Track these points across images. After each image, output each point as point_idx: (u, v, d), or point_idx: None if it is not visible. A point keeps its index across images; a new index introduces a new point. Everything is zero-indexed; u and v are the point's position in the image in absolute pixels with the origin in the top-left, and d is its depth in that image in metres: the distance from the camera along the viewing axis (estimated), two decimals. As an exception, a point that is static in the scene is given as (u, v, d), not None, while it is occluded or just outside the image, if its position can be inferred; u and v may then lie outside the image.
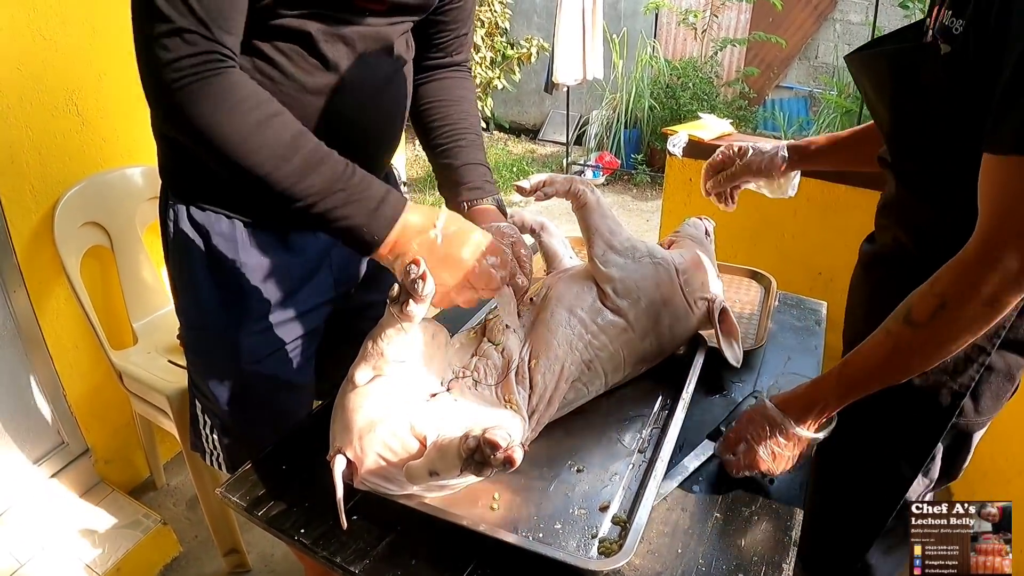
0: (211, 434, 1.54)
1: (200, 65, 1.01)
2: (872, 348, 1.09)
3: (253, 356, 1.41)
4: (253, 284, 1.39)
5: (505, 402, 1.19)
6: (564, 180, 1.36)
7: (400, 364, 1.11)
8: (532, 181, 1.34)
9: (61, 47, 2.20)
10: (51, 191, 2.26)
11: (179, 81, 1.00)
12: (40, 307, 2.31)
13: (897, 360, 1.06)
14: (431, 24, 1.46)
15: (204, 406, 1.51)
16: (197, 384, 1.49)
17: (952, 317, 0.98)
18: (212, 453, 1.56)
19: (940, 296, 0.98)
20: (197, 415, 1.55)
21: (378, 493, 1.07)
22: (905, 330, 1.03)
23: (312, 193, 1.05)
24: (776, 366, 1.57)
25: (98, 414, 2.57)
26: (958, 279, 0.97)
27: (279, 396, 1.49)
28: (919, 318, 1.01)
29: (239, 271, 1.37)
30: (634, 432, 1.31)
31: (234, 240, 1.36)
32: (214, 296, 1.39)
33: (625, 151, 7.68)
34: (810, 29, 8.56)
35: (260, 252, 1.39)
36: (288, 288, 1.44)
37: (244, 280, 1.38)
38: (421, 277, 1.03)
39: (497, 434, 0.89)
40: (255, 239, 1.38)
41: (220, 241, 1.36)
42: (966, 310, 0.96)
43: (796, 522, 1.13)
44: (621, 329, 1.32)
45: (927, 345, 1.02)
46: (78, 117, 2.31)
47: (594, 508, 1.13)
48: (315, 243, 1.45)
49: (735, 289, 1.89)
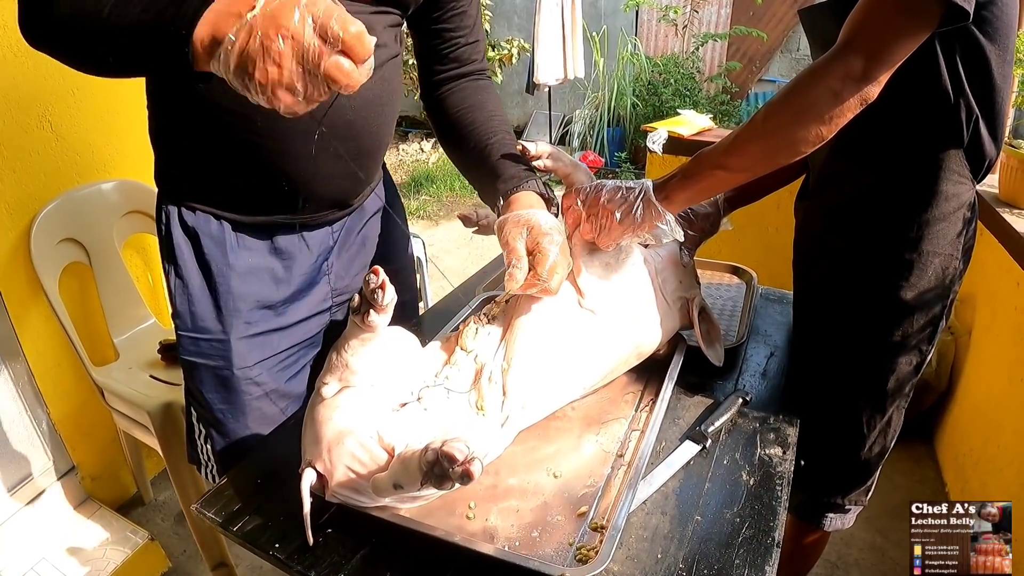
0: (205, 444, 1.52)
1: None
2: (734, 131, 1.25)
3: (245, 361, 1.42)
4: (243, 288, 1.40)
5: (478, 409, 1.18)
6: (568, 164, 1.39)
7: (366, 375, 1.10)
8: (539, 148, 1.38)
9: (33, 63, 2.19)
10: (27, 208, 2.25)
11: None
12: (20, 326, 2.29)
13: (751, 133, 1.21)
14: (439, 34, 1.47)
15: (199, 415, 1.50)
16: (192, 391, 1.48)
17: (800, 97, 1.14)
18: (207, 465, 1.55)
19: (795, 83, 1.15)
20: (193, 424, 1.53)
21: (350, 506, 1.05)
22: (763, 110, 1.19)
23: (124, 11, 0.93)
24: (759, 363, 1.56)
25: (84, 431, 2.56)
26: (811, 72, 1.13)
27: (272, 404, 1.48)
28: (774, 99, 1.18)
29: (228, 273, 1.38)
30: (612, 435, 1.30)
31: (223, 242, 1.37)
32: (205, 298, 1.39)
33: (609, 149, 7.70)
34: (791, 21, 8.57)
35: (248, 254, 1.40)
36: (282, 295, 1.44)
37: (234, 283, 1.39)
38: (380, 287, 1.02)
39: (455, 447, 0.87)
40: (242, 241, 1.39)
41: (209, 243, 1.37)
42: (812, 95, 1.12)
43: (779, 523, 1.12)
44: (598, 332, 1.31)
45: (774, 116, 1.17)
46: (52, 133, 2.30)
47: (572, 514, 1.11)
48: (308, 250, 1.46)
49: (716, 285, 1.88)
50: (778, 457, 1.26)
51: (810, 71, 1.13)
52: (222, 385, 1.43)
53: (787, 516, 1.47)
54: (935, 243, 1.31)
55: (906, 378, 1.42)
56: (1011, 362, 2.34)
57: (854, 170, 1.36)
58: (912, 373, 1.42)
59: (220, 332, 1.40)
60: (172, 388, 2.28)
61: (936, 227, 1.30)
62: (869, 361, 1.43)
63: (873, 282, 1.37)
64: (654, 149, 3.03)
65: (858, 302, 1.40)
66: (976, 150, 1.27)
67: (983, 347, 2.70)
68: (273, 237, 1.42)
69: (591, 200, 1.33)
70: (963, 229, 1.33)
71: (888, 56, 1.08)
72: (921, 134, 1.27)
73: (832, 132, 1.13)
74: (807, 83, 1.13)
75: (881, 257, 1.35)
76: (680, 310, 1.44)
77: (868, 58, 1.08)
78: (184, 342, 1.43)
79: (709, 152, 1.26)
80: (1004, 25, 1.18)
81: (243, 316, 1.41)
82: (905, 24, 1.07)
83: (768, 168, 1.24)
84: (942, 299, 1.36)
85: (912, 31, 1.08)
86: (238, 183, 1.33)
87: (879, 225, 1.34)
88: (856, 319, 1.42)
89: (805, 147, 1.17)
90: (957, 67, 1.20)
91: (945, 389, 2.92)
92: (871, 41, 1.08)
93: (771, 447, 1.29)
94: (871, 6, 1.10)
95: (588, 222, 1.33)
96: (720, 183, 1.28)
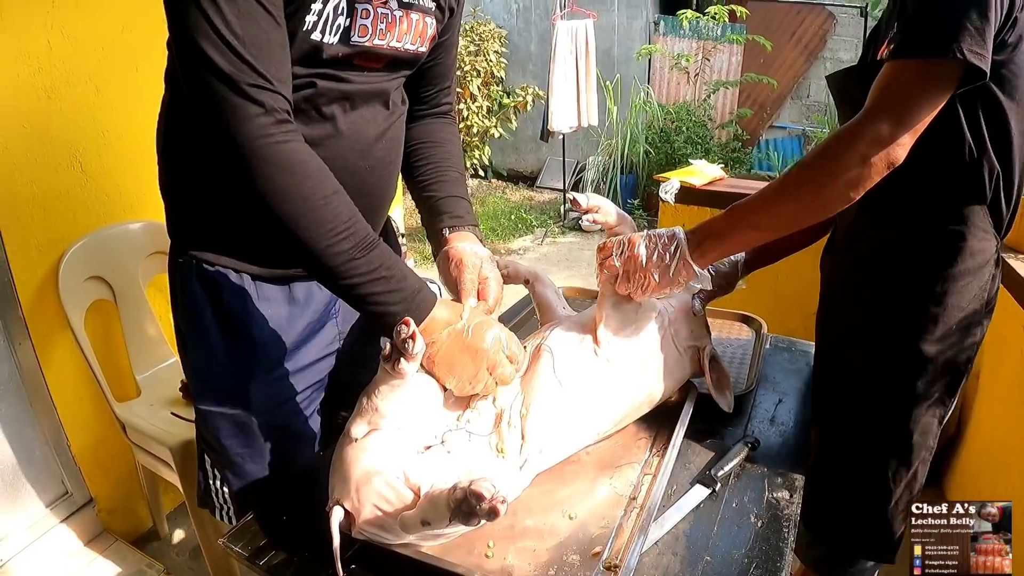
0: (221, 487, 1.54)
1: (272, 126, 1.09)
2: (765, 190, 1.30)
3: (264, 406, 1.44)
4: (263, 335, 1.42)
5: (498, 452, 1.23)
6: (615, 217, 1.45)
7: (394, 418, 1.15)
8: (590, 200, 1.45)
9: (65, 105, 2.26)
10: (55, 246, 2.31)
11: (256, 141, 1.08)
12: (45, 359, 2.34)
13: (783, 194, 1.28)
14: (415, 78, 1.51)
15: (213, 460, 1.52)
16: (207, 439, 1.50)
17: (829, 161, 1.21)
18: (222, 508, 1.56)
19: (825, 146, 1.22)
20: (207, 470, 1.55)
21: (375, 542, 1.10)
22: (795, 170, 1.26)
23: (357, 275, 1.16)
24: (767, 410, 1.60)
25: (102, 464, 2.59)
26: (840, 136, 1.19)
27: (288, 447, 1.51)
28: (805, 160, 1.25)
29: (249, 323, 1.41)
30: (625, 479, 1.34)
31: (243, 294, 1.40)
32: (224, 347, 1.41)
33: (622, 196, 7.69)
34: (801, 68, 8.65)
35: (268, 304, 1.43)
36: (297, 339, 1.47)
37: (254, 331, 1.41)
38: (411, 337, 1.10)
39: (483, 486, 0.94)
40: (261, 292, 1.42)
41: (229, 295, 1.39)
42: (842, 159, 1.18)
43: (785, 563, 1.16)
44: (613, 379, 1.36)
45: (806, 179, 1.24)
46: (82, 173, 2.36)
47: (586, 554, 1.15)
48: (320, 294, 1.49)
49: (726, 334, 1.92)
50: (785, 500, 1.30)
51: (838, 136, 1.19)
52: (240, 431, 1.45)
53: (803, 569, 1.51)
54: (960, 297, 1.33)
55: (930, 429, 1.42)
56: (1016, 404, 2.36)
57: (881, 226, 1.39)
58: (936, 425, 1.42)
59: (239, 380, 1.42)
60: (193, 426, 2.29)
61: (961, 282, 1.32)
62: (894, 413, 1.42)
63: (898, 335, 1.38)
64: (666, 199, 3.07)
65: (883, 355, 1.41)
66: (999, 205, 1.31)
67: (990, 390, 2.71)
68: (290, 285, 1.45)
69: (626, 257, 1.37)
70: (988, 283, 1.35)
71: (913, 119, 1.14)
72: (946, 192, 1.30)
73: (860, 194, 1.19)
74: (836, 147, 1.19)
75: (907, 311, 1.37)
76: (691, 358, 1.49)
77: (894, 123, 1.14)
78: (200, 391, 1.46)
79: (742, 209, 1.31)
80: (1022, 83, 1.24)
81: (261, 363, 1.43)
82: (927, 86, 1.14)
83: (798, 227, 1.31)
84: (966, 352, 1.38)
85: (934, 93, 1.14)
86: (262, 241, 1.35)
87: (905, 279, 1.36)
88: (881, 371, 1.42)
89: (833, 208, 1.23)
90: (980, 127, 1.24)
91: (954, 432, 2.94)
92: (896, 105, 1.15)
93: (779, 491, 1.33)
94: (894, 71, 1.17)
95: (624, 280, 1.38)
96: (752, 240, 1.36)
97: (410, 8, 1.31)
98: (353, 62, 1.27)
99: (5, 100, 2.11)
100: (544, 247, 6.97)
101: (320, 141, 1.28)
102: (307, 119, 1.27)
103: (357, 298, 1.18)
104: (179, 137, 1.34)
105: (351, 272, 1.15)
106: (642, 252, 1.35)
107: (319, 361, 1.53)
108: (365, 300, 1.18)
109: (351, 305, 1.22)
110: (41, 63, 2.17)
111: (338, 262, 1.14)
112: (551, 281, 1.62)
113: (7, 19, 2.06)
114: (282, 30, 1.12)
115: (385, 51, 1.30)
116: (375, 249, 1.18)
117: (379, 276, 1.17)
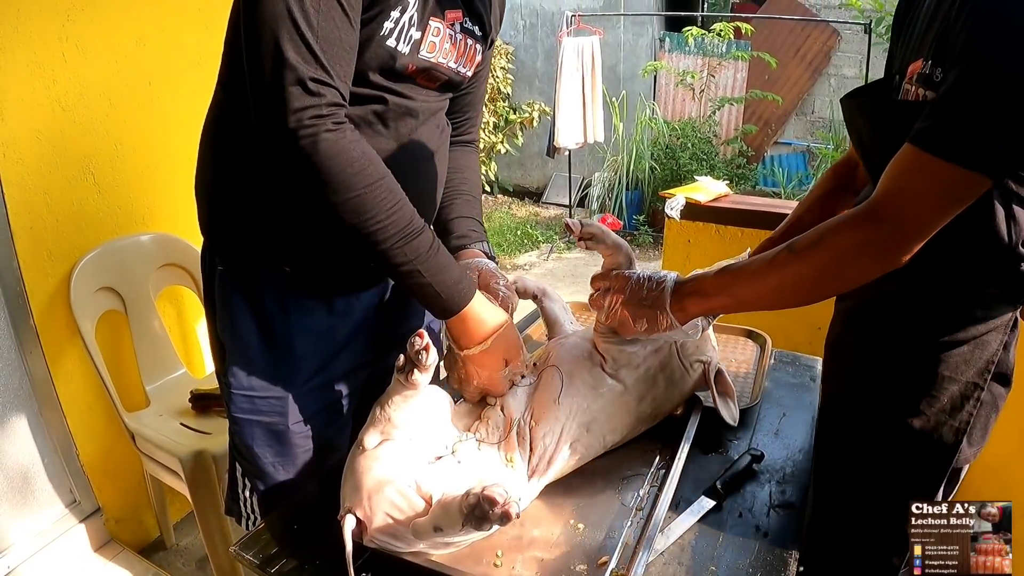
0: (250, 497, 1.55)
1: (325, 117, 1.12)
2: (755, 262, 1.21)
3: (299, 415, 1.46)
4: (304, 346, 1.45)
5: (507, 462, 1.25)
6: (610, 245, 1.40)
7: (406, 429, 1.17)
8: (585, 227, 1.40)
9: (79, 118, 2.29)
10: (67, 256, 2.33)
11: (306, 128, 1.11)
12: (55, 368, 2.36)
13: (768, 275, 1.18)
14: (449, 105, 1.54)
15: (245, 469, 1.52)
16: (239, 448, 1.50)
17: (823, 252, 1.10)
18: (249, 518, 1.57)
19: (820, 234, 1.11)
20: (237, 478, 1.56)
21: (386, 551, 1.12)
22: (784, 254, 1.15)
23: (404, 260, 1.22)
24: (772, 423, 1.62)
25: (110, 474, 2.60)
26: (839, 226, 1.10)
27: (320, 456, 1.52)
28: (799, 247, 1.13)
29: (290, 333, 1.43)
30: (632, 490, 1.35)
31: (284, 305, 1.42)
32: (265, 357, 1.43)
33: (627, 212, 7.75)
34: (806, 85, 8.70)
35: (309, 315, 1.45)
36: (334, 349, 1.50)
37: (295, 342, 1.44)
38: (425, 348, 1.12)
39: (495, 491, 0.96)
40: (303, 303, 1.44)
41: (271, 305, 1.41)
42: (835, 250, 1.09)
43: (791, 573, 1.17)
44: (619, 393, 1.38)
45: (796, 270, 1.14)
46: (94, 185, 2.38)
47: (593, 563, 1.16)
48: (358, 304, 1.52)
49: (731, 349, 1.94)
50: (789, 512, 1.32)
51: (838, 228, 1.10)
52: (276, 440, 1.46)
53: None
54: (955, 369, 1.17)
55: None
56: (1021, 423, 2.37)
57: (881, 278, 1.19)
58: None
59: (279, 389, 1.43)
60: (202, 436, 2.34)
61: (958, 350, 1.16)
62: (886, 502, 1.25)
63: (885, 407, 1.23)
64: (672, 215, 3.08)
65: (873, 421, 1.25)
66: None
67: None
68: (331, 298, 1.47)
69: (611, 299, 1.35)
70: (997, 351, 1.18)
71: (926, 229, 1.02)
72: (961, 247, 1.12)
73: (848, 290, 1.16)
74: (835, 245, 1.09)
75: (894, 379, 1.22)
76: (697, 373, 1.50)
77: (902, 237, 1.03)
78: (237, 400, 1.44)
79: (729, 276, 1.24)
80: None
81: (301, 372, 1.45)
82: (952, 194, 1.00)
83: (779, 308, 1.25)
84: (955, 433, 1.20)
85: (958, 203, 1.01)
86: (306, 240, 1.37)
87: (900, 338, 1.21)
88: (871, 438, 1.25)
89: (816, 301, 1.18)
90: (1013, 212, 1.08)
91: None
92: (908, 211, 1.02)
93: (783, 502, 1.34)
94: (915, 164, 1.01)
95: (609, 320, 1.36)
96: (733, 309, 1.31)
97: (468, 34, 1.36)
98: (417, 80, 1.32)
99: (20, 112, 2.13)
100: (550, 263, 7.00)
101: (386, 154, 1.30)
102: (373, 132, 1.30)
103: (403, 275, 1.24)
104: (231, 139, 1.35)
105: (398, 257, 1.21)
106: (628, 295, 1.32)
107: (353, 371, 1.55)
108: (409, 281, 1.24)
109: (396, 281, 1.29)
110: (56, 75, 2.20)
111: (386, 247, 1.20)
112: (559, 296, 1.64)
113: (22, 32, 2.10)
114: (355, 33, 1.16)
115: (445, 71, 1.35)
116: (420, 236, 1.23)
117: (423, 261, 1.23)
